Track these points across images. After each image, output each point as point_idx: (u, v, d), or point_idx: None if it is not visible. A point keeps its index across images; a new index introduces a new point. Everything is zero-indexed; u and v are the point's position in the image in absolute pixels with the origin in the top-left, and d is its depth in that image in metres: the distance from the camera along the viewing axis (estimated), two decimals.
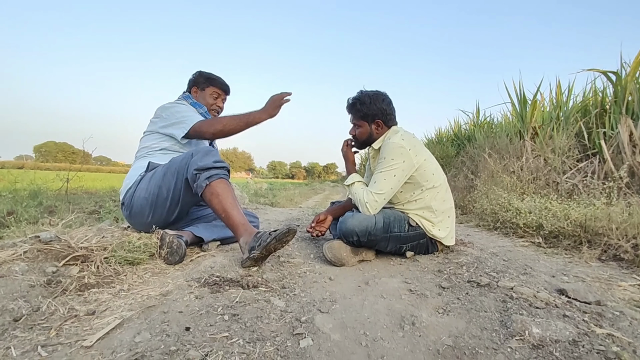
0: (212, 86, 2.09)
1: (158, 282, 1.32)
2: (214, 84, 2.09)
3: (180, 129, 1.80)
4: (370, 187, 1.75)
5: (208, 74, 2.11)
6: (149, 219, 1.71)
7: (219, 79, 2.11)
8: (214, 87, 2.09)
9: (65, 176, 3.37)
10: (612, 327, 1.01)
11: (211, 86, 2.09)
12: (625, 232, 1.89)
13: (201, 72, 2.11)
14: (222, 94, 2.13)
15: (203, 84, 2.08)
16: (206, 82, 2.08)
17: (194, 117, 1.84)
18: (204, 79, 2.08)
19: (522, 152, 4.12)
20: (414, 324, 1.05)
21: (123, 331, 0.92)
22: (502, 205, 3.01)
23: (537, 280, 1.45)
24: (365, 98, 1.86)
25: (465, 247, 2.07)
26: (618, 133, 3.29)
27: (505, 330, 1.00)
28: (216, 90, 2.10)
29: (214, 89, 2.09)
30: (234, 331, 0.95)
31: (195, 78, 2.09)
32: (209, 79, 2.09)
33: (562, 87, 4.57)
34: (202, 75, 2.09)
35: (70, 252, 1.36)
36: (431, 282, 1.47)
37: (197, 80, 2.09)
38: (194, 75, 2.10)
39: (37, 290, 1.11)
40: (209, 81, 2.09)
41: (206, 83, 2.08)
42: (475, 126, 6.55)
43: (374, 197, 1.71)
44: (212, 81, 2.09)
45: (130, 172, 1.85)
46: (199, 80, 2.08)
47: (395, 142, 1.73)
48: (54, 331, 0.90)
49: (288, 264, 1.63)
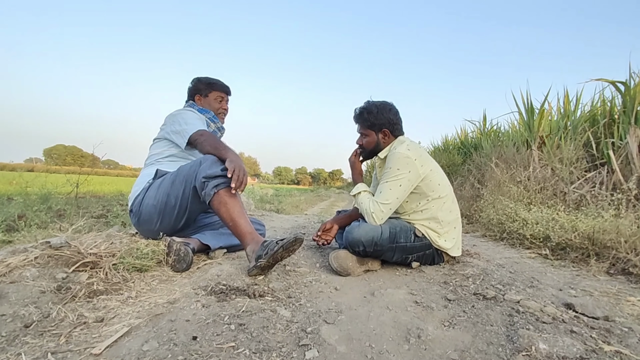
0: (214, 90, 2.10)
1: (165, 289, 1.33)
2: (215, 88, 2.11)
3: (182, 138, 1.81)
4: (376, 197, 1.76)
5: (207, 79, 2.12)
6: (157, 227, 1.73)
7: (219, 82, 2.13)
8: (217, 91, 2.11)
9: (75, 180, 3.41)
10: (620, 344, 1.01)
11: (213, 91, 2.10)
12: (634, 246, 1.87)
13: (199, 78, 2.12)
14: (225, 96, 2.16)
15: (205, 90, 2.09)
16: (208, 87, 2.09)
17: (195, 126, 1.82)
18: (205, 85, 2.10)
19: (529, 161, 4.10)
20: (420, 337, 1.05)
21: (131, 339, 0.93)
22: (509, 215, 2.99)
23: (544, 293, 1.44)
24: (372, 108, 1.88)
25: (471, 258, 2.06)
26: (627, 143, 3.26)
27: (512, 345, 0.99)
28: (219, 94, 2.12)
29: (217, 93, 2.11)
30: (240, 341, 0.95)
31: (195, 85, 2.10)
32: (209, 84, 2.10)
33: (569, 96, 4.55)
34: (201, 81, 2.10)
35: (80, 258, 1.38)
36: (437, 293, 1.47)
37: (198, 88, 2.10)
38: (193, 83, 2.11)
39: (48, 296, 1.13)
40: (211, 86, 2.10)
41: (208, 89, 2.09)
42: (482, 134, 6.53)
43: (380, 207, 1.72)
44: (213, 86, 2.10)
45: (138, 179, 1.87)
46: (200, 87, 2.09)
47: (401, 152, 1.74)
48: (63, 338, 0.92)
49: (294, 273, 1.64)
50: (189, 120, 1.85)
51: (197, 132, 1.78)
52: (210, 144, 1.70)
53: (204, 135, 1.76)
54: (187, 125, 1.82)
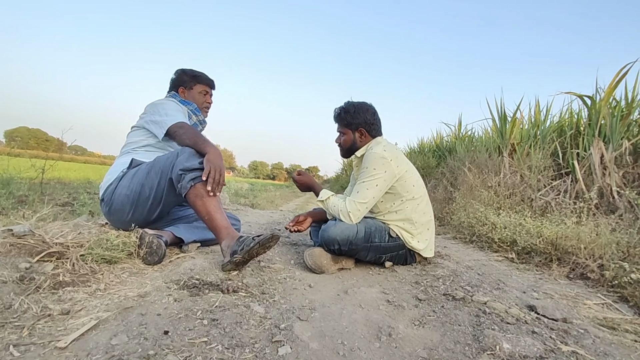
0: (199, 84, 2.06)
1: (136, 282, 1.30)
2: (200, 81, 2.06)
3: (161, 129, 1.76)
4: (352, 196, 1.78)
5: (192, 71, 2.06)
6: (129, 217, 1.68)
7: (204, 75, 2.08)
8: (201, 84, 2.06)
9: (41, 166, 3.25)
10: (576, 345, 1.07)
11: (198, 84, 2.05)
12: (592, 252, 1.98)
13: (184, 70, 2.06)
14: (209, 90, 2.11)
15: (190, 82, 2.04)
16: (192, 80, 2.04)
17: (175, 117, 1.77)
18: (190, 77, 2.04)
19: (500, 167, 4.24)
20: (391, 335, 1.08)
21: (99, 333, 0.90)
22: (479, 219, 3.09)
23: (509, 295, 1.51)
24: (350, 107, 1.91)
25: (442, 259, 2.12)
26: (590, 154, 3.44)
27: (478, 344, 1.03)
28: (204, 87, 2.07)
29: (201, 86, 2.06)
30: (213, 336, 0.95)
31: (179, 77, 2.04)
32: (194, 76, 2.05)
33: (540, 106, 4.75)
34: (186, 73, 2.05)
35: (45, 247, 1.32)
36: (408, 293, 1.50)
37: (182, 79, 2.04)
38: (177, 75, 2.05)
39: (9, 286, 1.08)
40: (195, 79, 2.05)
41: (193, 81, 2.04)
42: (457, 139, 6.70)
43: (356, 206, 1.74)
44: (198, 78, 2.06)
45: (112, 168, 1.81)
46: (184, 79, 2.04)
47: (377, 152, 1.77)
48: (26, 330, 0.88)
49: (268, 269, 1.64)
50: (169, 112, 1.79)
51: (176, 124, 1.73)
52: (189, 137, 1.66)
53: (183, 128, 1.71)
54: (167, 116, 1.77)
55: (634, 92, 3.55)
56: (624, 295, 1.59)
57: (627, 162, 3.26)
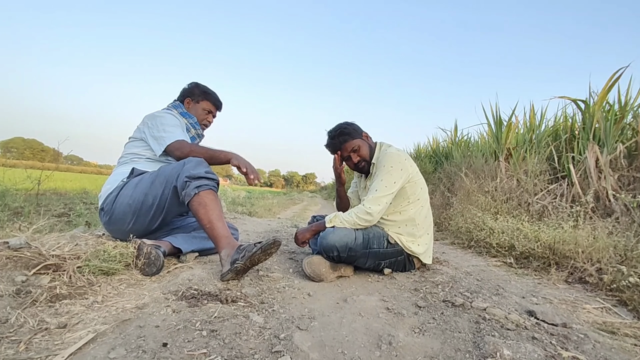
0: (207, 101, 2.08)
1: (134, 294, 1.29)
2: (209, 98, 2.08)
3: (159, 145, 1.78)
4: (371, 194, 1.77)
5: (205, 87, 2.09)
6: (129, 227, 1.67)
7: (215, 95, 2.10)
8: (209, 102, 2.08)
9: (37, 176, 3.24)
10: (577, 350, 1.07)
11: (206, 100, 2.07)
12: (590, 256, 1.99)
13: (198, 84, 2.09)
14: (214, 110, 2.13)
15: (198, 96, 2.06)
16: (201, 95, 2.06)
17: (174, 134, 1.79)
18: (200, 92, 2.06)
19: (496, 172, 4.27)
20: (391, 343, 1.07)
21: (97, 346, 0.89)
22: (477, 224, 3.10)
23: (508, 301, 1.50)
24: (342, 125, 1.97)
25: (440, 265, 2.12)
26: (585, 158, 3.47)
27: (478, 351, 1.03)
28: (210, 106, 2.09)
29: (208, 104, 2.08)
30: (212, 348, 0.94)
31: (190, 89, 2.07)
32: (205, 92, 2.07)
33: (535, 111, 4.79)
34: (198, 87, 2.07)
35: (42, 260, 1.31)
36: (408, 300, 1.50)
37: (192, 92, 2.06)
38: (190, 86, 2.08)
39: (6, 300, 1.07)
40: (205, 95, 2.07)
41: (201, 96, 2.06)
42: (453, 144, 6.74)
43: (377, 202, 1.74)
44: (207, 96, 2.07)
45: (111, 177, 1.81)
46: (194, 92, 2.06)
47: (393, 152, 1.83)
48: (23, 345, 0.87)
49: (267, 279, 1.63)
50: (167, 127, 1.81)
51: (173, 144, 1.76)
52: (201, 154, 1.71)
53: (185, 147, 1.75)
54: (164, 132, 1.79)
55: (627, 96, 3.60)
56: (622, 299, 1.59)
57: (622, 165, 3.28)
